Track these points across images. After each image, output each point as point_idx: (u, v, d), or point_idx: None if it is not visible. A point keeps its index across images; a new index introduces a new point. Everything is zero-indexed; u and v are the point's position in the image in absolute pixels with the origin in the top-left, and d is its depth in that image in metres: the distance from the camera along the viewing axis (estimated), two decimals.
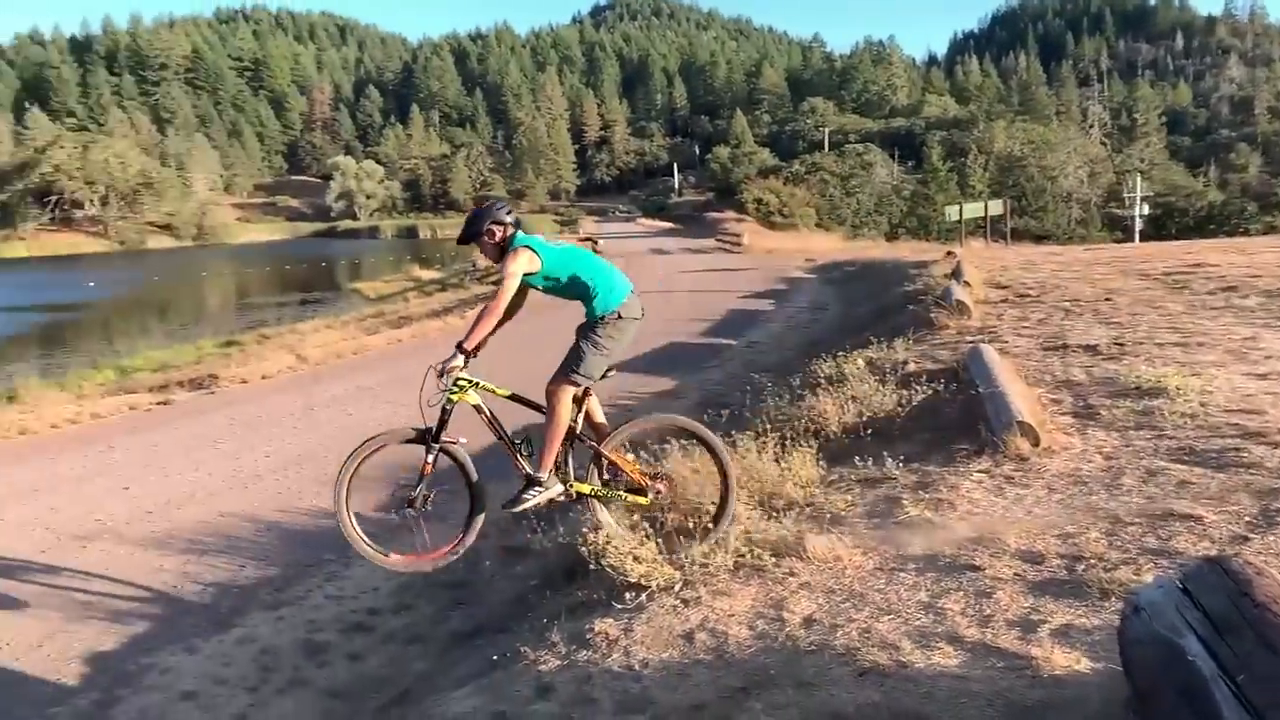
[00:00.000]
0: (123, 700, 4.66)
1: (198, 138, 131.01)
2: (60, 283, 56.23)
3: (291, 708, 4.57)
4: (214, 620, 5.60)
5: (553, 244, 4.75)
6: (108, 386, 14.96)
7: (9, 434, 10.69)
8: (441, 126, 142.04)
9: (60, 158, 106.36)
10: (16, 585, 6.16)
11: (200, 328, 30.72)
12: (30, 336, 32.89)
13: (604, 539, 4.25)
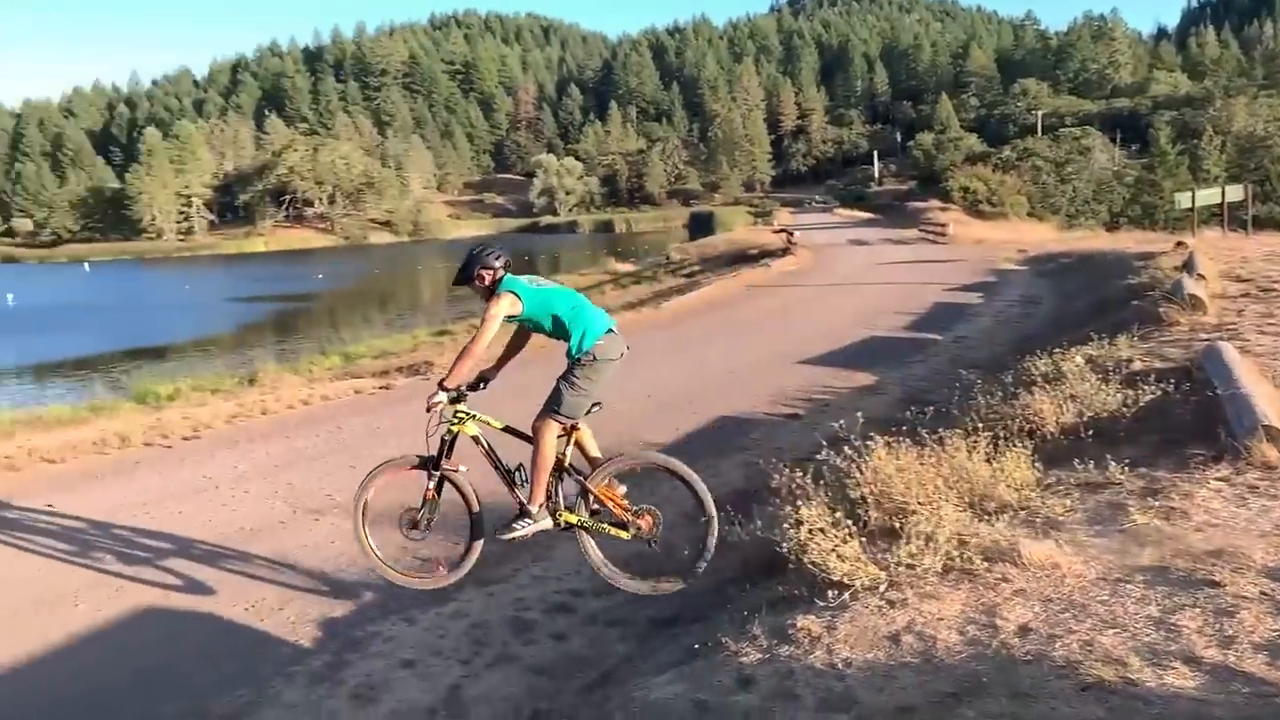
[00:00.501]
0: (351, 665, 5.04)
1: (414, 139, 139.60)
2: (293, 275, 61.48)
3: (500, 681, 4.79)
4: (431, 593, 5.95)
5: (536, 287, 4.88)
6: (335, 371, 16.15)
7: (252, 413, 11.76)
8: (638, 122, 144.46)
9: (294, 160, 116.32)
10: (261, 552, 6.78)
11: (415, 317, 32.77)
12: (267, 324, 36.21)
13: (805, 534, 4.21)
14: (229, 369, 17.58)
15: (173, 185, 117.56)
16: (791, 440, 9.19)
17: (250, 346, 26.77)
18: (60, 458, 9.80)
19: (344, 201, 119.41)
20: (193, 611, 5.78)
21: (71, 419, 12.05)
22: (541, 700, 4.49)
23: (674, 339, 16.49)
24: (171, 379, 15.74)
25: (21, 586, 6.26)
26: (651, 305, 21.38)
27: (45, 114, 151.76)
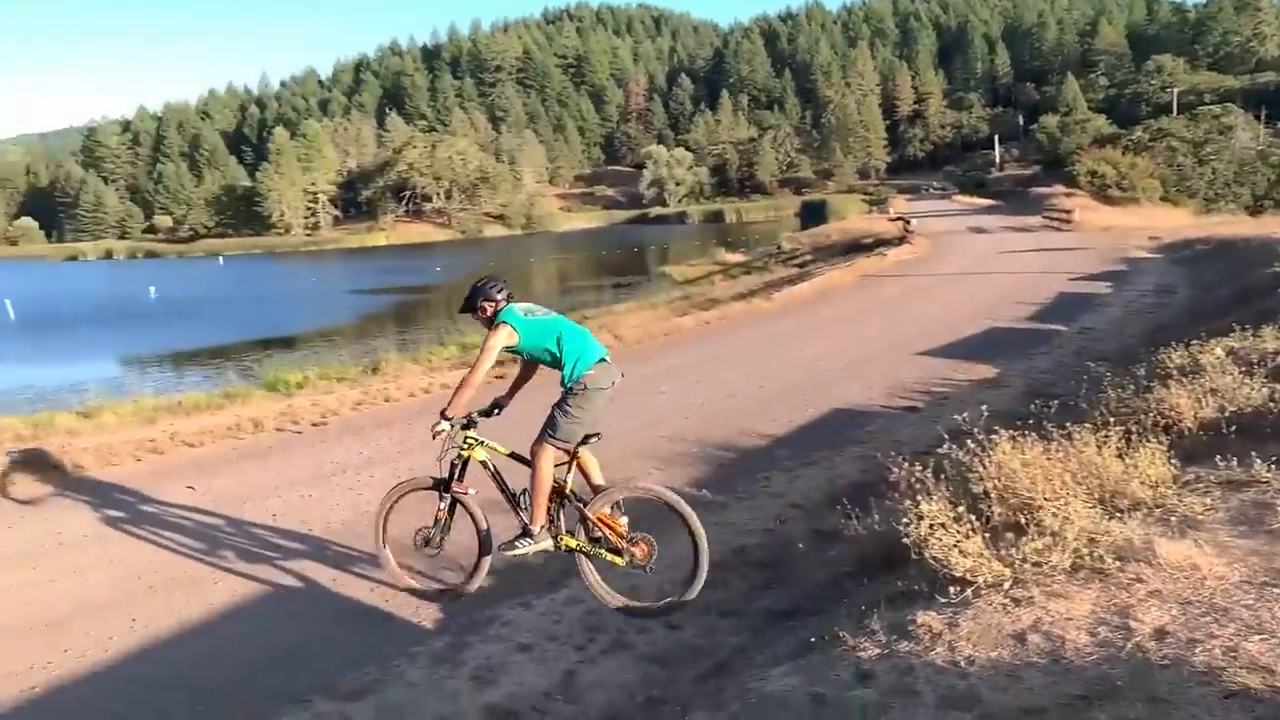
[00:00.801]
0: (471, 647, 5.18)
1: (526, 133, 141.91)
2: (412, 268, 63.31)
3: (615, 668, 4.84)
4: (545, 579, 6.06)
5: (532, 319, 5.08)
6: (452, 360, 16.51)
7: (376, 401, 12.19)
8: (750, 110, 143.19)
9: (413, 157, 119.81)
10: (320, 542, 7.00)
11: None
12: (387, 315, 37.40)
13: (926, 529, 4.11)
14: (353, 358, 18.22)
15: (300, 182, 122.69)
16: (909, 433, 9.00)
17: (372, 336, 27.67)
18: (199, 442, 10.37)
19: (460, 196, 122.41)
20: (322, 592, 6.03)
21: (208, 405, 12.72)
22: (655, 688, 4.52)
23: (785, 330, 16.33)
24: (299, 367, 16.37)
25: (163, 566, 6.66)
26: (762, 296, 21.20)
27: (184, 116, 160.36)
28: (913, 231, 35.04)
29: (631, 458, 8.74)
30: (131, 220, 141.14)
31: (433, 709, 4.50)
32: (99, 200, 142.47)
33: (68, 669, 5.15)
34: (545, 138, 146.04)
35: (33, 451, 9.62)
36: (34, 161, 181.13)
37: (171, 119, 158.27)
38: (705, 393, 11.54)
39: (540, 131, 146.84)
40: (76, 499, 8.38)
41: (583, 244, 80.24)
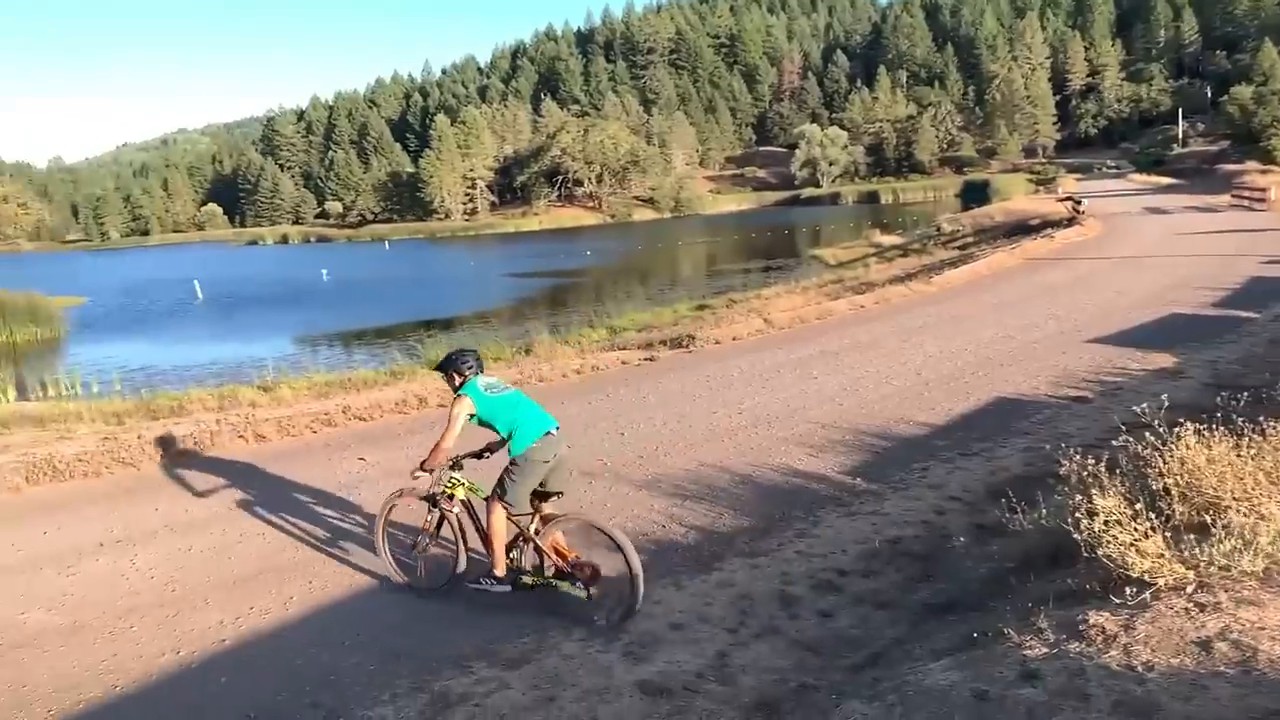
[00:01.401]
0: (624, 623, 5.27)
1: (677, 116, 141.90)
2: (563, 252, 64.53)
3: (767, 653, 4.83)
4: (697, 561, 6.11)
5: (491, 395, 5.56)
6: (602, 343, 16.82)
7: (530, 381, 12.53)
8: (908, 87, 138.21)
9: (566, 141, 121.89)
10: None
11: (675, 292, 33.46)
12: (540, 298, 38.28)
13: (1100, 526, 3.90)
14: (508, 339, 18.77)
15: (459, 168, 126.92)
16: (1078, 425, 8.56)
17: (525, 319, 28.41)
18: (369, 416, 10.94)
19: (611, 180, 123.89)
20: (484, 561, 6.24)
21: (376, 381, 13.40)
22: (808, 675, 4.48)
23: (945, 315, 15.78)
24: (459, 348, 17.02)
25: (337, 531, 7.10)
26: (920, 279, 20.54)
27: (353, 105, 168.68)
28: (1083, 212, 33.04)
29: (781, 443, 8.69)
30: (305, 206, 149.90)
31: (587, 681, 4.60)
32: (276, 187, 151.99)
33: (252, 625, 5.55)
34: (696, 119, 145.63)
35: (222, 421, 10.39)
36: (220, 150, 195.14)
37: (342, 108, 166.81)
38: (859, 378, 11.31)
39: (691, 113, 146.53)
40: (259, 467, 9.00)
41: (731, 226, 79.80)
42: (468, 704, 4.47)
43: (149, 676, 4.98)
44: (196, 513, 7.75)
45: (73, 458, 9.16)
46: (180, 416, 11.34)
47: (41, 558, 6.81)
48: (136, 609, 5.83)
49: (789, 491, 7.34)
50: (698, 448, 8.72)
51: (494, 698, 4.51)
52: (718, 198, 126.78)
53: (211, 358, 25.24)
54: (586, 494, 7.52)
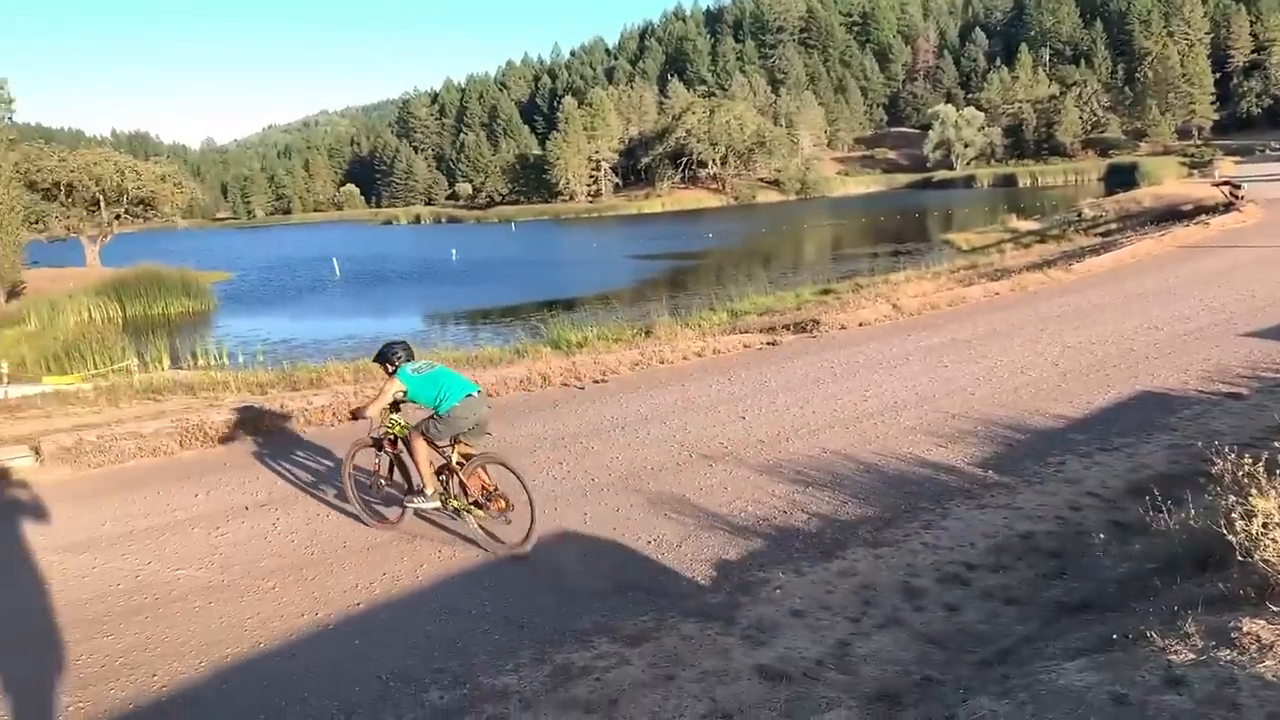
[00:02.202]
0: (743, 607, 5.25)
1: (806, 95, 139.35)
2: (685, 234, 64.48)
3: (889, 643, 4.72)
4: (819, 548, 6.02)
5: (418, 375, 6.66)
6: (724, 326, 16.73)
7: (651, 362, 12.57)
8: (1051, 65, 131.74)
9: (691, 122, 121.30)
10: (661, 490, 7.27)
11: (799, 275, 32.99)
12: (661, 280, 38.34)
13: (1258, 528, 3.63)
14: (629, 321, 18.87)
15: (585, 150, 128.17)
16: (1231, 422, 8.05)
17: (646, 300, 28.48)
18: (495, 392, 11.17)
19: (735, 161, 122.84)
20: (604, 539, 6.35)
21: (501, 359, 13.70)
22: (932, 668, 4.36)
23: (1086, 304, 15.04)
24: (580, 328, 17.24)
25: None
26: (1060, 266, 19.64)
27: (484, 88, 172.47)
28: (1242, 197, 30.81)
29: (909, 432, 8.47)
30: (437, 187, 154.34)
31: (706, 662, 4.60)
32: (410, 168, 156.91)
33: (384, 590, 5.77)
34: (825, 99, 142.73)
35: (358, 394, 10.81)
36: (358, 133, 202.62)
37: (473, 90, 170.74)
38: (993, 368, 10.90)
39: (820, 93, 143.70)
40: None
41: (859, 209, 78.12)
42: (589, 677, 4.53)
43: (289, 635, 5.23)
44: (334, 480, 8.08)
45: (222, 424, 9.69)
46: (319, 388, 11.85)
47: (193, 519, 7.25)
48: (278, 570, 6.14)
49: (916, 482, 7.15)
50: (821, 434, 8.59)
51: (614, 673, 4.56)
52: (845, 180, 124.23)
53: (347, 332, 26.31)
54: (707, 477, 7.51)
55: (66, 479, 8.46)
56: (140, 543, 6.75)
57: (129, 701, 4.61)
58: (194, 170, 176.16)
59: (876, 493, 6.97)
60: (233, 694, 4.63)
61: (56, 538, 6.91)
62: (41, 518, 7.38)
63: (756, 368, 11.81)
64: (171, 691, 4.69)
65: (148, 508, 7.56)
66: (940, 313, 15.20)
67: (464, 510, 6.48)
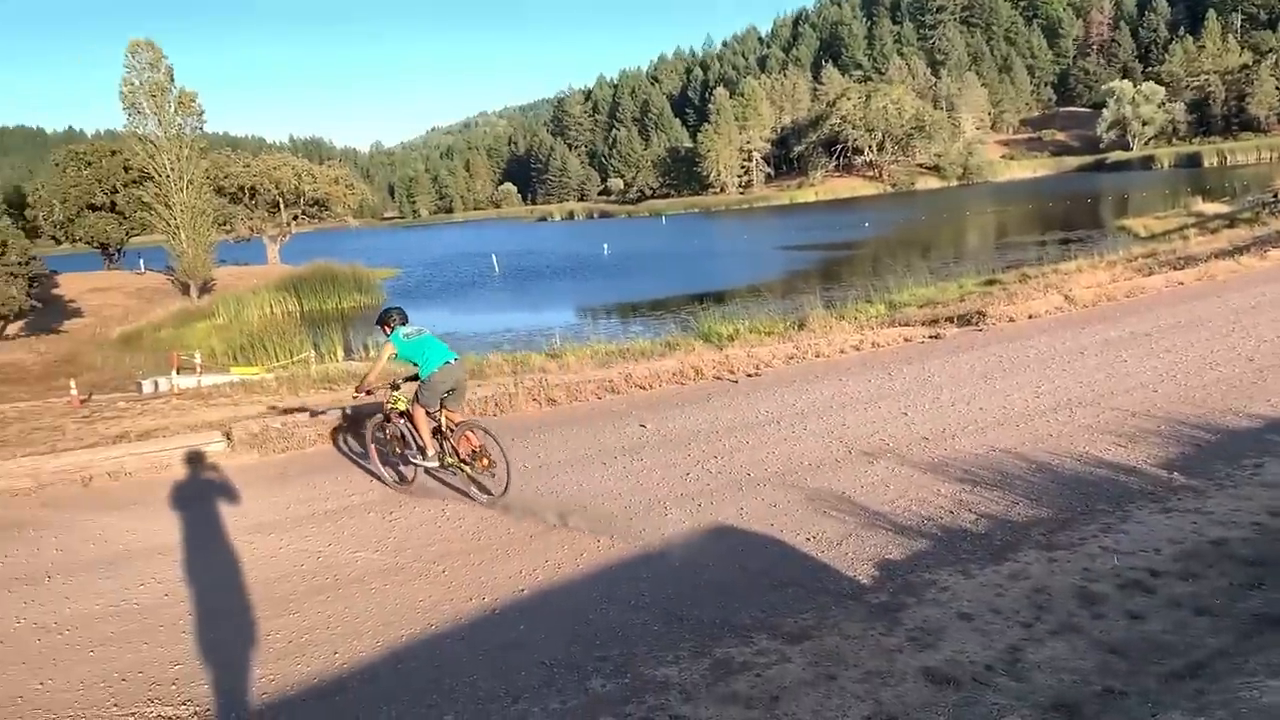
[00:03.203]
0: (908, 608, 5.09)
1: (968, 77, 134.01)
2: (839, 223, 63.32)
3: (1065, 651, 4.48)
4: (987, 550, 5.77)
5: (408, 340, 7.69)
6: (881, 318, 16.29)
7: (806, 356, 12.37)
8: (1243, 31, 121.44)
9: (846, 109, 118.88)
10: (820, 487, 7.15)
11: (960, 265, 31.77)
12: (813, 271, 37.76)
13: None
14: (781, 313, 18.67)
15: (736, 141, 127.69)
16: None
17: (798, 292, 28.09)
18: (648, 385, 11.28)
19: (892, 147, 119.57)
20: (761, 534, 6.29)
21: (652, 352, 13.82)
22: (1115, 679, 4.10)
23: None
24: (731, 321, 17.17)
25: (623, 493, 7.39)
26: (1253, 253, 18.10)
27: (636, 83, 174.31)
28: None
29: (1084, 431, 8.01)
30: (589, 183, 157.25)
31: (869, 662, 4.49)
32: (564, 165, 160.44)
33: (547, 578, 5.92)
34: (989, 80, 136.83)
35: (518, 385, 11.13)
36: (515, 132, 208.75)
37: (625, 86, 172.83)
38: (1177, 363, 10.16)
39: (983, 73, 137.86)
40: (550, 429, 9.57)
41: (1024, 194, 74.67)
42: (749, 673, 4.50)
43: (458, 618, 5.44)
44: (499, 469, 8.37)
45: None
46: (481, 380, 12.27)
47: (368, 504, 7.65)
48: (447, 555, 6.39)
49: (1093, 483, 6.75)
50: (989, 431, 8.23)
51: (774, 670, 4.51)
52: (1010, 163, 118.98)
53: (506, 325, 27.19)
54: (868, 474, 7.33)
55: (254, 463, 9.08)
56: (321, 525, 7.18)
57: (314, 676, 4.90)
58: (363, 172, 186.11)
59: (1049, 493, 6.62)
60: (407, 674, 4.85)
61: (247, 519, 7.43)
62: (233, 500, 7.95)
63: (918, 362, 11.43)
64: (352, 669, 4.95)
65: (327, 492, 8.03)
66: (1117, 304, 14.29)
67: (456, 467, 7.59)
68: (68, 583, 6.40)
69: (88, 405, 13.48)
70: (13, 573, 6.70)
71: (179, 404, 13.05)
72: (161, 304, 37.57)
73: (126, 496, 8.40)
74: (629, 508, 7.01)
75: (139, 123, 36.93)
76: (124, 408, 13.01)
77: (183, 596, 6.02)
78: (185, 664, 5.13)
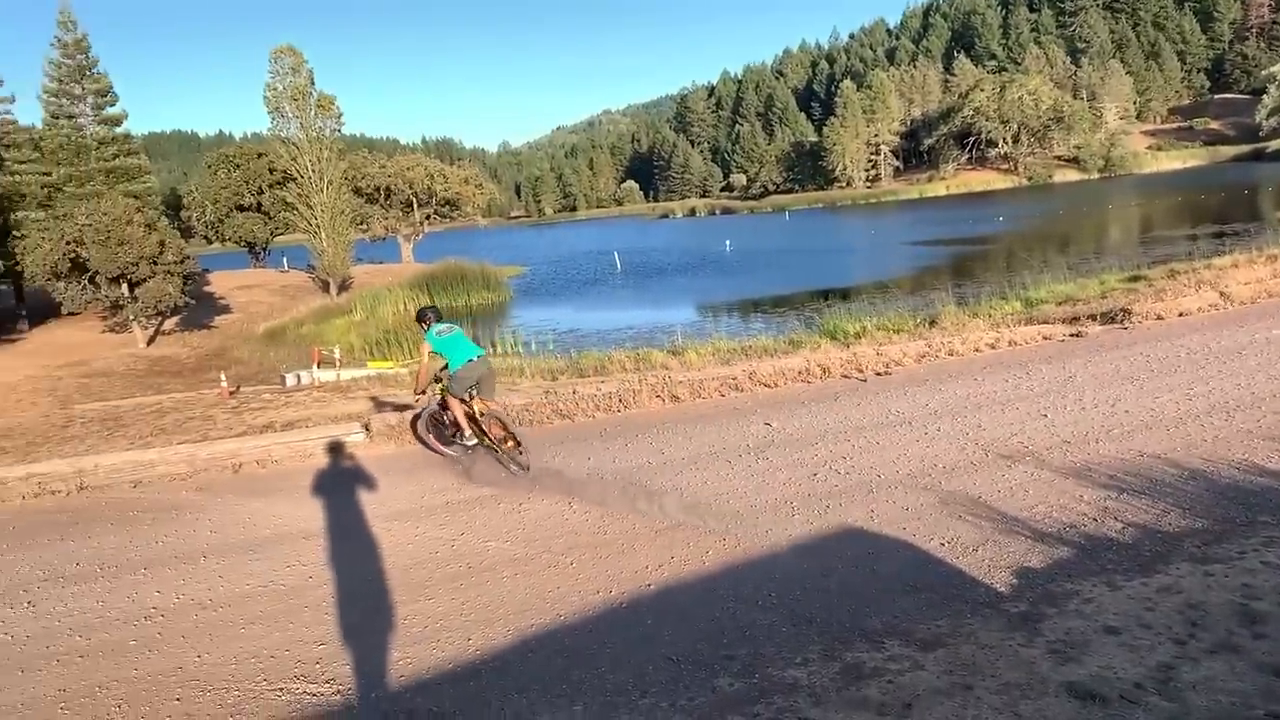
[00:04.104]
0: (1048, 619, 4.86)
1: (1112, 64, 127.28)
2: (971, 218, 61.17)
3: (1223, 671, 4.19)
4: (1135, 561, 5.47)
5: (440, 337, 8.73)
6: (1017, 316, 15.64)
7: (939, 354, 12.01)
8: None
9: (979, 100, 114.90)
10: (954, 490, 6.92)
11: (1102, 261, 30.21)
12: (943, 267, 36.61)
13: None
14: (910, 310, 18.16)
15: (863, 134, 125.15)
16: None
17: (927, 289, 27.27)
18: (773, 383, 11.17)
19: (1029, 139, 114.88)
20: (891, 538, 6.13)
21: (776, 349, 13.66)
22: (1278, 704, 3.81)
23: None
24: (857, 318, 16.80)
25: (749, 492, 7.33)
26: None
27: (760, 78, 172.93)
28: None
29: (1244, 436, 7.49)
30: (711, 179, 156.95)
31: (1007, 674, 4.30)
32: (686, 162, 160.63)
33: (673, 573, 5.92)
34: (1134, 67, 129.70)
35: (641, 381, 11.20)
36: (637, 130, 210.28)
37: (749, 81, 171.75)
38: None
39: (1128, 61, 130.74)
40: (675, 425, 9.59)
41: (1173, 186, 70.60)
42: (880, 679, 4.38)
43: (586, 610, 5.50)
44: (621, 463, 8.44)
45: (521, 407, 10.40)
46: (604, 376, 12.41)
47: (498, 494, 7.87)
48: (575, 547, 6.48)
49: (1254, 492, 6.31)
50: (1136, 436, 7.79)
51: (907, 677, 4.38)
52: (1158, 155, 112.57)
53: (627, 322, 27.38)
54: (1005, 478, 7.04)
55: (390, 453, 9.43)
56: (454, 514, 7.40)
57: (448, 661, 5.04)
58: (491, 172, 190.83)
59: (1204, 503, 6.22)
60: (537, 664, 4.93)
61: (385, 506, 7.72)
62: (371, 488, 8.28)
63: (1058, 361, 10.94)
64: (484, 656, 5.07)
65: (460, 482, 8.29)
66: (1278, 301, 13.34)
67: (488, 446, 8.62)
68: (220, 563, 6.79)
69: (236, 397, 14.25)
70: (172, 551, 7.15)
71: (320, 396, 13.68)
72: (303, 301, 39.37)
73: (273, 483, 8.86)
74: (754, 507, 6.95)
75: (282, 126, 38.73)
76: (269, 399, 13.72)
77: (325, 579, 6.30)
78: (328, 644, 5.35)
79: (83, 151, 32.89)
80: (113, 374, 21.04)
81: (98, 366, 22.28)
